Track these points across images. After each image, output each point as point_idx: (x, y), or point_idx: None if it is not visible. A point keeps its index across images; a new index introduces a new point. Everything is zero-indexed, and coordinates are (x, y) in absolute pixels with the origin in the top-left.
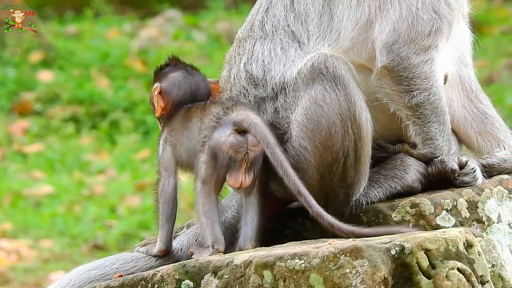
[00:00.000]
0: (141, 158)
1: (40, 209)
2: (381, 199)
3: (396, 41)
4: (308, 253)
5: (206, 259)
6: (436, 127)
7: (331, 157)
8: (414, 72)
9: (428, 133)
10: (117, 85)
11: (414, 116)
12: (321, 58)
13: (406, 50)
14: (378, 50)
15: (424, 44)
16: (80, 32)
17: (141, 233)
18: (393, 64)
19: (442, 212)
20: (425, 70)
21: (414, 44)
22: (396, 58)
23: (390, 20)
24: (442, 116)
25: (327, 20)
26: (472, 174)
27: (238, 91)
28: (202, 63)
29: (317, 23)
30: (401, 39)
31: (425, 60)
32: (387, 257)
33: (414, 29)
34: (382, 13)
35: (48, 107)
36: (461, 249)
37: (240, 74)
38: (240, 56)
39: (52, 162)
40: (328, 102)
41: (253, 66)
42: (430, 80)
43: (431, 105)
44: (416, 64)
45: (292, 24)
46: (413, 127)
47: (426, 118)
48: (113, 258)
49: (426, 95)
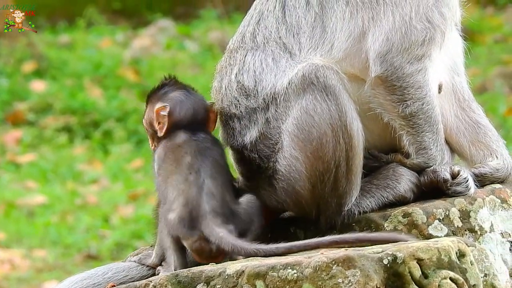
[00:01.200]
0: (134, 167)
1: (33, 218)
2: (374, 209)
3: (389, 50)
4: (300, 263)
5: (198, 269)
6: (430, 137)
7: (322, 167)
8: (408, 81)
9: (421, 143)
10: (109, 95)
11: (408, 126)
12: (312, 68)
13: (400, 59)
14: (372, 60)
15: (417, 53)
16: (73, 42)
17: (134, 242)
18: (387, 74)
19: (435, 222)
20: (418, 80)
21: (407, 54)
22: (389, 68)
23: (383, 29)
24: (435, 126)
25: (319, 32)
26: (464, 184)
27: (230, 102)
28: (194, 73)
29: (309, 36)
30: (395, 48)
31: (419, 69)
32: (380, 266)
33: (407, 39)
34: (375, 23)
35: (41, 117)
36: (454, 259)
37: (231, 85)
38: (231, 66)
39: (45, 172)
40: (319, 112)
41: (244, 76)
42: (423, 89)
43: (425, 114)
44: (409, 73)
45: (284, 36)
46: (406, 137)
47: (419, 127)
48: (106, 268)
49: (420, 104)
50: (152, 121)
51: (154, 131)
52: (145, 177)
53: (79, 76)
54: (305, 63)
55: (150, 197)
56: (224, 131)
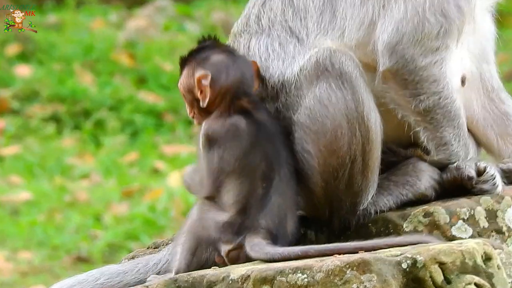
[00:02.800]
0: (128, 161)
1: (17, 217)
2: (391, 208)
3: (399, 41)
4: (311, 267)
5: (200, 273)
6: (450, 132)
7: (336, 162)
8: (421, 75)
9: (441, 139)
10: (102, 81)
11: (425, 121)
12: (326, 53)
13: (412, 51)
14: (380, 52)
15: (431, 45)
16: (61, 22)
17: (128, 244)
18: (397, 67)
19: (458, 222)
20: (433, 73)
21: (420, 46)
22: (400, 60)
23: (393, 19)
24: (456, 120)
25: (329, 17)
26: (491, 182)
27: None
28: None
29: (317, 20)
30: (406, 39)
31: (434, 61)
32: (398, 271)
33: (419, 30)
34: (386, 12)
35: (26, 105)
36: (479, 262)
37: None
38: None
39: (30, 166)
40: (334, 102)
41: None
42: (439, 83)
43: (443, 109)
44: (423, 66)
45: (290, 19)
46: (424, 132)
47: (438, 123)
48: (98, 272)
49: (436, 99)
50: (191, 88)
51: (194, 99)
52: (141, 172)
53: (68, 60)
54: (317, 48)
55: (146, 194)
56: None
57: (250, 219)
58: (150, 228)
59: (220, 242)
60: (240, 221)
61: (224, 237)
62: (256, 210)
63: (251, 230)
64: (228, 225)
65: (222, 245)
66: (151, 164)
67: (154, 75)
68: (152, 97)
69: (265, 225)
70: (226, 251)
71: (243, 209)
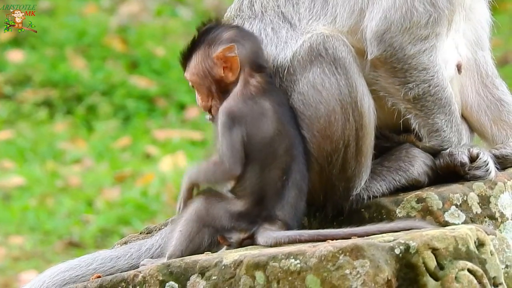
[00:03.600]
0: (120, 146)
1: (9, 202)
2: (384, 193)
3: (387, 29)
4: (304, 252)
5: (192, 259)
6: (442, 118)
7: (330, 147)
8: (410, 63)
9: (433, 125)
10: (94, 66)
11: (415, 109)
12: (320, 39)
13: (400, 39)
14: (369, 40)
15: (420, 33)
16: (54, 7)
17: (120, 229)
18: (386, 55)
19: (451, 208)
20: (422, 61)
21: (409, 34)
22: (388, 49)
23: (381, 7)
24: (447, 107)
25: (321, 3)
26: (484, 168)
27: None
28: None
29: (309, 7)
30: (394, 27)
31: (423, 50)
32: (391, 256)
33: (408, 19)
34: (375, 0)
35: (18, 90)
36: (472, 248)
37: None
38: None
39: (22, 151)
40: (327, 87)
41: None
42: (429, 70)
43: (433, 96)
44: (411, 54)
45: (283, 5)
46: (415, 120)
47: (429, 110)
48: (90, 258)
49: (426, 86)
50: (210, 69)
51: (214, 81)
52: (133, 157)
53: (61, 45)
54: (312, 33)
55: (138, 178)
56: None
57: (268, 210)
58: (142, 213)
59: (234, 231)
60: (257, 212)
61: (238, 225)
62: (274, 202)
63: (268, 220)
64: (244, 214)
65: (236, 233)
66: (143, 149)
67: (146, 60)
68: (144, 82)
69: (282, 216)
70: (240, 239)
71: (261, 200)
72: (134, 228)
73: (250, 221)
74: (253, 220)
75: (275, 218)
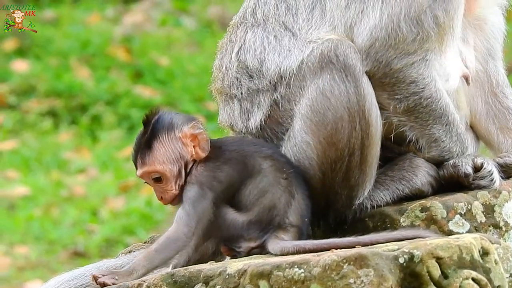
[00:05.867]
0: (125, 156)
1: (14, 212)
2: (388, 202)
3: (372, 45)
4: (308, 261)
5: (196, 268)
6: (439, 129)
7: (335, 155)
8: (397, 77)
9: (431, 136)
10: (98, 76)
11: (410, 121)
12: (331, 45)
13: (386, 55)
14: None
15: (407, 48)
16: (58, 17)
17: (125, 238)
18: (374, 71)
19: (456, 217)
20: (410, 74)
21: (394, 49)
22: (375, 64)
23: (368, 25)
24: (444, 117)
25: (319, 15)
26: (489, 177)
27: (230, 82)
28: (191, 52)
29: (307, 18)
30: (379, 43)
31: (410, 63)
32: (395, 265)
33: (392, 37)
34: (363, 17)
35: (23, 100)
36: (476, 257)
37: (232, 64)
38: (232, 43)
39: (27, 161)
40: (336, 94)
41: (246, 56)
42: (418, 83)
43: (426, 108)
44: (398, 68)
45: (283, 14)
46: (411, 131)
47: (424, 121)
48: (95, 267)
49: (417, 99)
50: (181, 151)
51: (185, 163)
52: None
53: (65, 55)
54: (320, 39)
55: (142, 188)
56: (224, 112)
57: (281, 215)
58: (146, 222)
59: (242, 240)
60: (270, 218)
61: (248, 234)
62: (286, 205)
63: (281, 227)
64: (255, 222)
65: (244, 242)
66: None
67: (151, 69)
68: (149, 91)
69: (296, 222)
70: (249, 248)
71: (272, 205)
72: (139, 238)
73: (261, 229)
74: (264, 228)
75: (289, 224)
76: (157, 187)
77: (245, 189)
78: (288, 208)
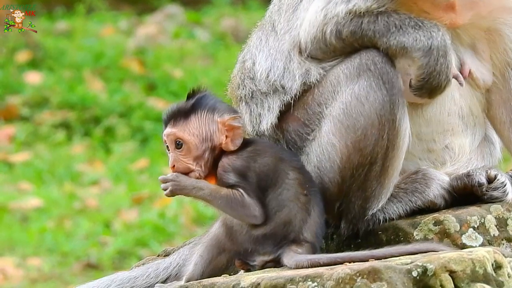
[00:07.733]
0: (138, 168)
1: (27, 224)
2: (401, 215)
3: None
4: (321, 275)
5: (210, 281)
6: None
7: (358, 161)
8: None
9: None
10: (112, 88)
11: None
12: (370, 53)
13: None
14: None
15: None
16: (71, 29)
17: (138, 251)
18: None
19: (469, 230)
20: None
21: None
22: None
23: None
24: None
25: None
26: (502, 189)
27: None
28: (205, 64)
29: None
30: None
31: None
32: (408, 279)
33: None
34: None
35: (36, 112)
36: (489, 271)
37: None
38: (244, 48)
39: (40, 173)
40: (371, 100)
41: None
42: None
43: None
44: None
45: (275, 15)
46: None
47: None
48: (108, 279)
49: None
50: (213, 134)
51: (212, 147)
52: (150, 179)
53: (78, 67)
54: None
55: (155, 200)
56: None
57: (296, 231)
58: (159, 235)
59: (256, 254)
60: (285, 233)
61: (262, 248)
62: (302, 222)
63: (296, 242)
64: (269, 236)
65: (259, 256)
66: (160, 170)
67: (164, 82)
68: (162, 104)
69: (310, 238)
70: (263, 262)
71: (288, 220)
72: (152, 250)
73: (276, 244)
74: (279, 243)
75: (303, 240)
76: (175, 154)
77: (265, 199)
78: (303, 225)
